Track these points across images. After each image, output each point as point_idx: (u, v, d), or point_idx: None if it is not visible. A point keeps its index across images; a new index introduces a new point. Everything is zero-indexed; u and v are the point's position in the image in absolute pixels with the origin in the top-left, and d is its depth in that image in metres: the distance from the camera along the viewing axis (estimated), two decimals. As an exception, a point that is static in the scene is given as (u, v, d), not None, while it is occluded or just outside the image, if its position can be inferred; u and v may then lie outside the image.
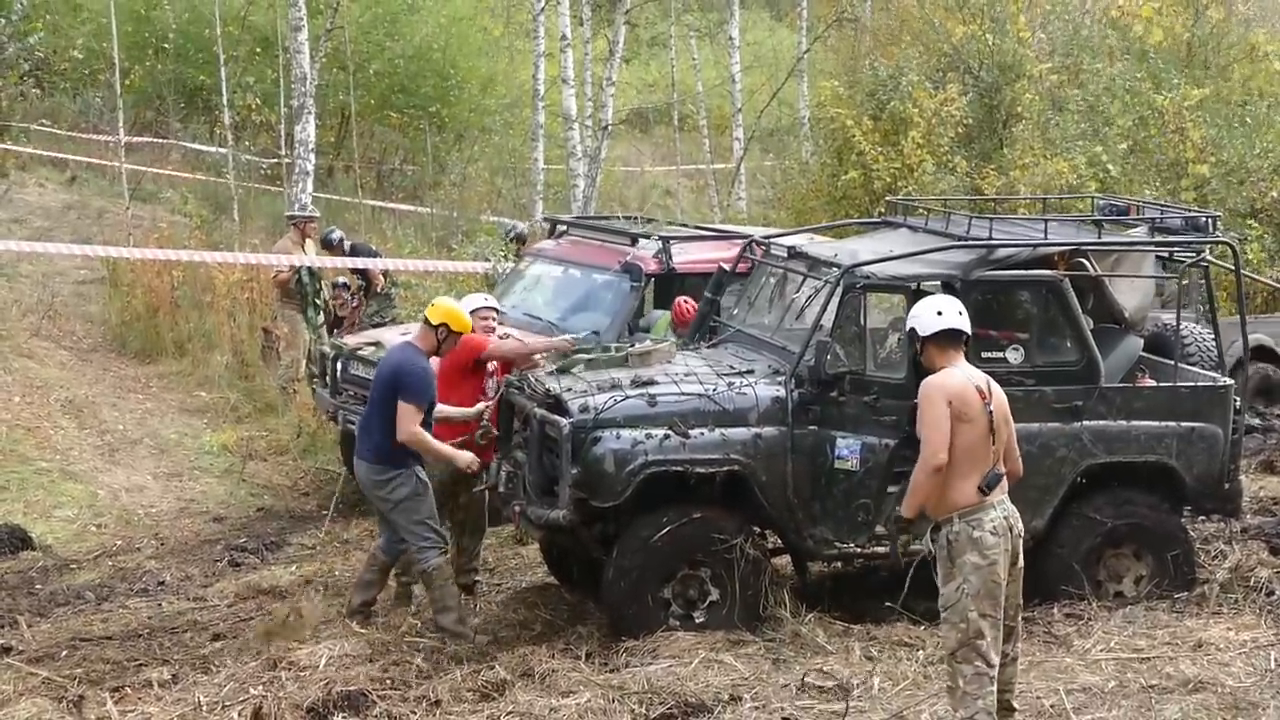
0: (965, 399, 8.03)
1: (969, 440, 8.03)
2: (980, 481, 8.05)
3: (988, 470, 8.09)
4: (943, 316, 8.25)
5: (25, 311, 19.69)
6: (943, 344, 8.24)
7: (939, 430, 8.00)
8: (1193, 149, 20.19)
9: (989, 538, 8.02)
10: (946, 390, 8.06)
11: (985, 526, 8.04)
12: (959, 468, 8.03)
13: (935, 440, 8.00)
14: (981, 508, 8.07)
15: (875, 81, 22.82)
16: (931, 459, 7.98)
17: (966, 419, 8.02)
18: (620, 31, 25.92)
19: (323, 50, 24.98)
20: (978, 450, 8.06)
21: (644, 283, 14.01)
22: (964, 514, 8.06)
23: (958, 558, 8.04)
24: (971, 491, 8.05)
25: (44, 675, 9.80)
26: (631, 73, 36.09)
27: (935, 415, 8.03)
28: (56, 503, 14.43)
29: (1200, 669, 9.38)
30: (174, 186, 25.53)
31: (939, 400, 8.04)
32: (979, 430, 8.05)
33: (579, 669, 9.61)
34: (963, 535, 8.03)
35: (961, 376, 8.14)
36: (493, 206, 29.07)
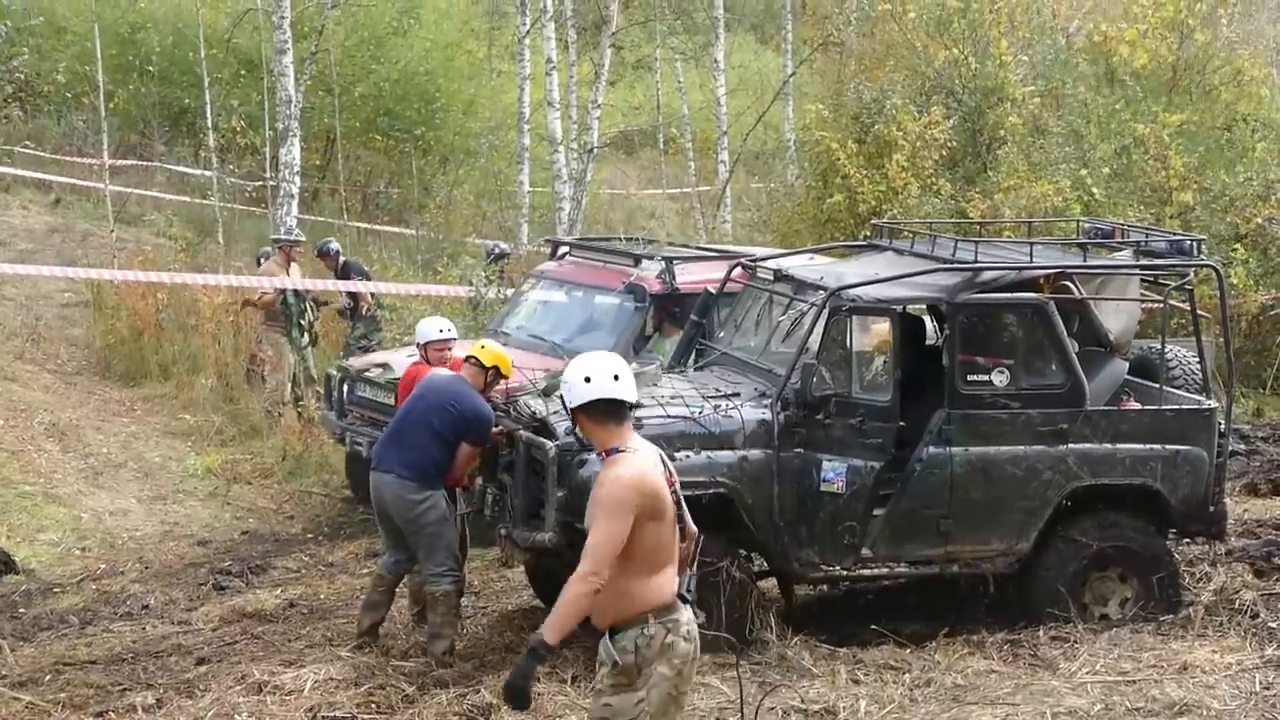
0: (655, 492, 6.64)
1: (659, 536, 6.69)
2: (682, 586, 6.80)
3: (675, 562, 6.82)
4: (591, 384, 6.75)
5: (9, 335, 19.67)
6: (598, 417, 6.78)
7: (610, 541, 6.52)
8: (1175, 177, 20.24)
9: (682, 644, 6.75)
10: (637, 487, 6.59)
11: (681, 630, 6.76)
12: (649, 566, 6.66)
13: (601, 555, 6.51)
14: (676, 607, 6.76)
15: (860, 105, 22.87)
16: (592, 579, 6.48)
17: (658, 516, 6.66)
18: (606, 55, 25.93)
19: (308, 73, 25.00)
20: (668, 543, 6.75)
21: (648, 303, 14.01)
22: (661, 614, 6.69)
23: (645, 666, 6.67)
24: (667, 588, 6.74)
25: (28, 700, 9.76)
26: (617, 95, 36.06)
27: (615, 526, 6.54)
28: (40, 526, 14.38)
29: (1186, 692, 9.38)
30: (159, 209, 25.52)
31: (629, 503, 6.56)
32: (669, 523, 6.72)
33: (565, 692, 9.59)
34: (657, 640, 6.67)
35: (647, 464, 6.69)
36: (478, 229, 29.09)
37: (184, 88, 28.89)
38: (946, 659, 10.19)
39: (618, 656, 6.64)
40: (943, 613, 11.08)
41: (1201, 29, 22.93)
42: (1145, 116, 21.16)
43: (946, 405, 10.63)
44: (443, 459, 10.51)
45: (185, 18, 28.84)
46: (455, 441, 10.54)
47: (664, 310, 13.95)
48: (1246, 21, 28.06)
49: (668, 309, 13.92)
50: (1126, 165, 20.98)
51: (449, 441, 10.50)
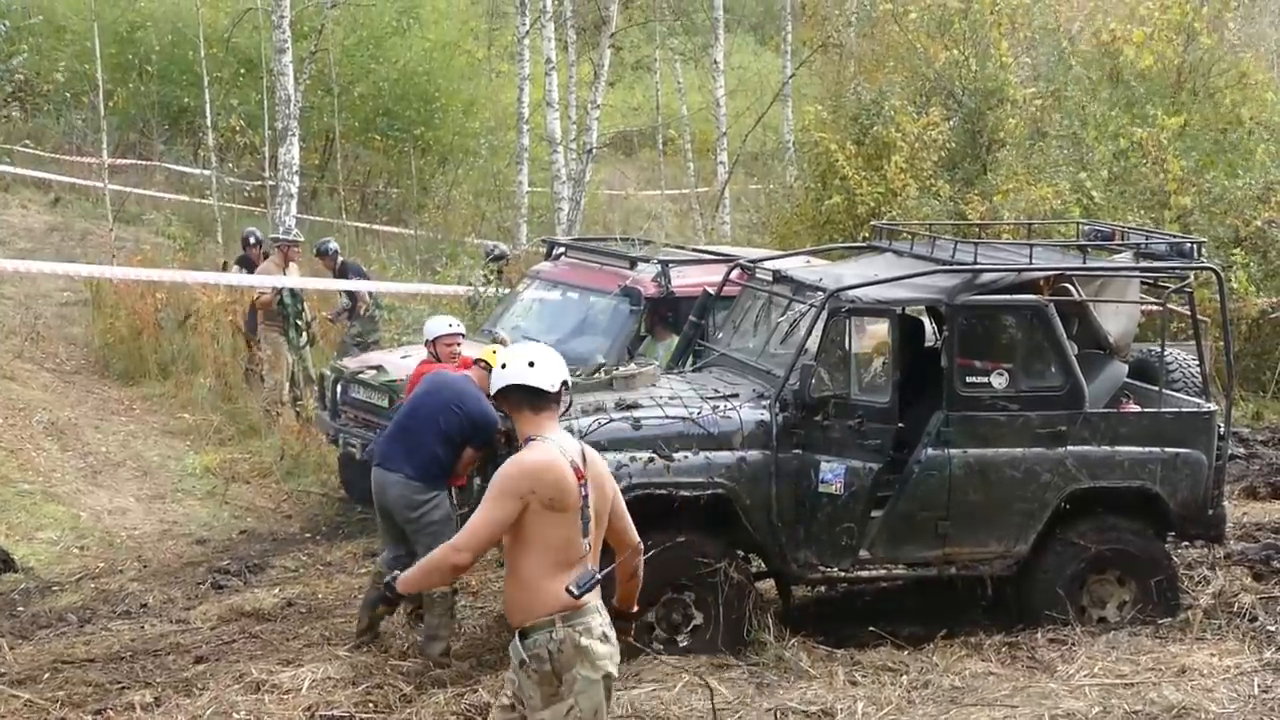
0: (556, 483, 6.42)
1: (565, 531, 6.46)
2: (571, 582, 6.44)
3: (583, 564, 6.54)
4: (506, 371, 6.66)
5: (8, 333, 19.66)
6: (514, 403, 6.68)
7: (489, 525, 6.38)
8: (1174, 181, 20.24)
9: (599, 646, 6.51)
10: (531, 474, 6.42)
11: (595, 632, 6.51)
12: (554, 562, 6.46)
13: (476, 535, 6.39)
14: (587, 610, 6.50)
15: (859, 106, 22.87)
16: (456, 553, 6.39)
17: (559, 508, 6.42)
18: (605, 55, 25.94)
19: (307, 73, 25.02)
20: (576, 541, 6.50)
21: (643, 306, 13.99)
22: (568, 617, 6.45)
23: (564, 672, 6.46)
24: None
25: (26, 698, 9.75)
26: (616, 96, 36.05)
27: (498, 507, 6.39)
28: (39, 525, 14.37)
29: (1184, 695, 9.37)
30: (158, 208, 25.53)
31: (515, 489, 6.40)
32: (574, 520, 6.48)
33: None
34: (569, 643, 6.45)
35: (554, 453, 6.49)
36: (477, 229, 29.11)
37: (183, 87, 28.92)
38: (944, 661, 10.19)
39: (525, 655, 6.49)
40: (941, 615, 11.09)
41: (1208, 32, 22.92)
42: (1145, 119, 21.16)
43: (945, 407, 10.63)
44: (447, 460, 10.53)
45: (185, 17, 28.86)
46: (461, 443, 10.55)
47: (657, 314, 13.92)
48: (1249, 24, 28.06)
49: (661, 313, 13.90)
50: (1125, 169, 20.98)
51: (455, 443, 10.52)
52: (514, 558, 6.50)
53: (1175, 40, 22.75)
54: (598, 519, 6.61)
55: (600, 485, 6.64)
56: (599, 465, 6.69)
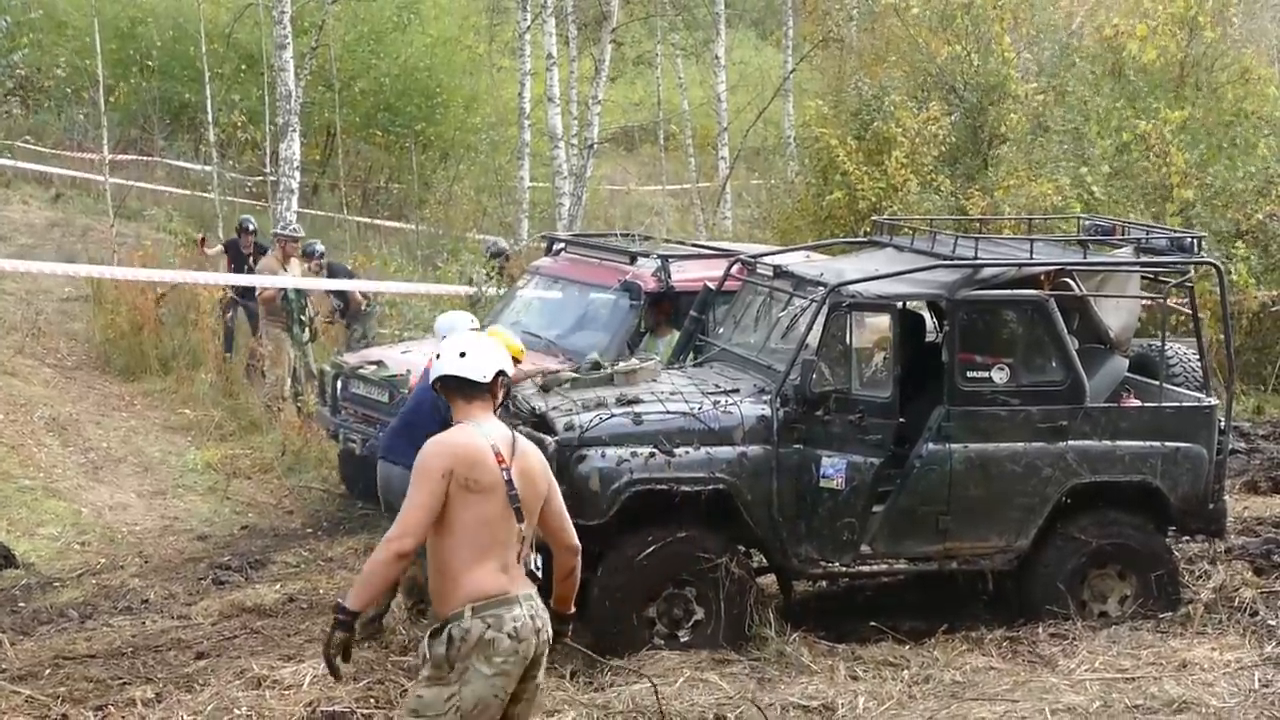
0: (473, 462, 6.44)
1: (483, 515, 6.43)
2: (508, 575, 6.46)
3: (515, 553, 6.54)
4: (440, 361, 6.76)
5: (9, 329, 19.66)
6: (449, 392, 6.75)
7: (418, 507, 6.39)
8: (1176, 173, 20.24)
9: (505, 642, 6.41)
10: (447, 452, 6.47)
11: (505, 626, 6.42)
12: (470, 549, 6.43)
13: (408, 519, 6.39)
14: (504, 601, 6.43)
15: (860, 101, 22.87)
16: (395, 542, 6.37)
17: (477, 489, 6.42)
18: (606, 50, 25.95)
19: (308, 68, 25.03)
20: (497, 528, 6.47)
21: (643, 301, 13.97)
22: (480, 608, 6.40)
23: (459, 661, 6.39)
24: (491, 579, 6.45)
25: (27, 694, 9.75)
26: (617, 91, 36.11)
27: (422, 490, 6.42)
28: (40, 520, 14.37)
29: (1185, 689, 9.38)
30: (159, 204, 25.52)
31: (435, 467, 6.43)
32: (496, 503, 6.45)
33: (563, 688, 9.58)
34: (473, 634, 6.38)
35: (473, 434, 6.54)
36: (478, 225, 29.10)
37: (184, 82, 28.90)
38: (945, 656, 10.20)
39: (428, 650, 6.45)
40: (942, 609, 11.09)
41: (1211, 26, 22.91)
42: (1148, 113, 21.16)
43: (946, 402, 10.64)
44: None
45: (185, 12, 28.86)
46: None
47: (657, 309, 13.90)
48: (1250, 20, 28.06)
49: (661, 308, 13.88)
50: (1127, 163, 20.98)
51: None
52: (435, 546, 6.49)
53: (1178, 35, 22.75)
54: (528, 510, 6.57)
55: (531, 477, 6.61)
56: (531, 458, 6.67)
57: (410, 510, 6.42)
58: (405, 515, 6.42)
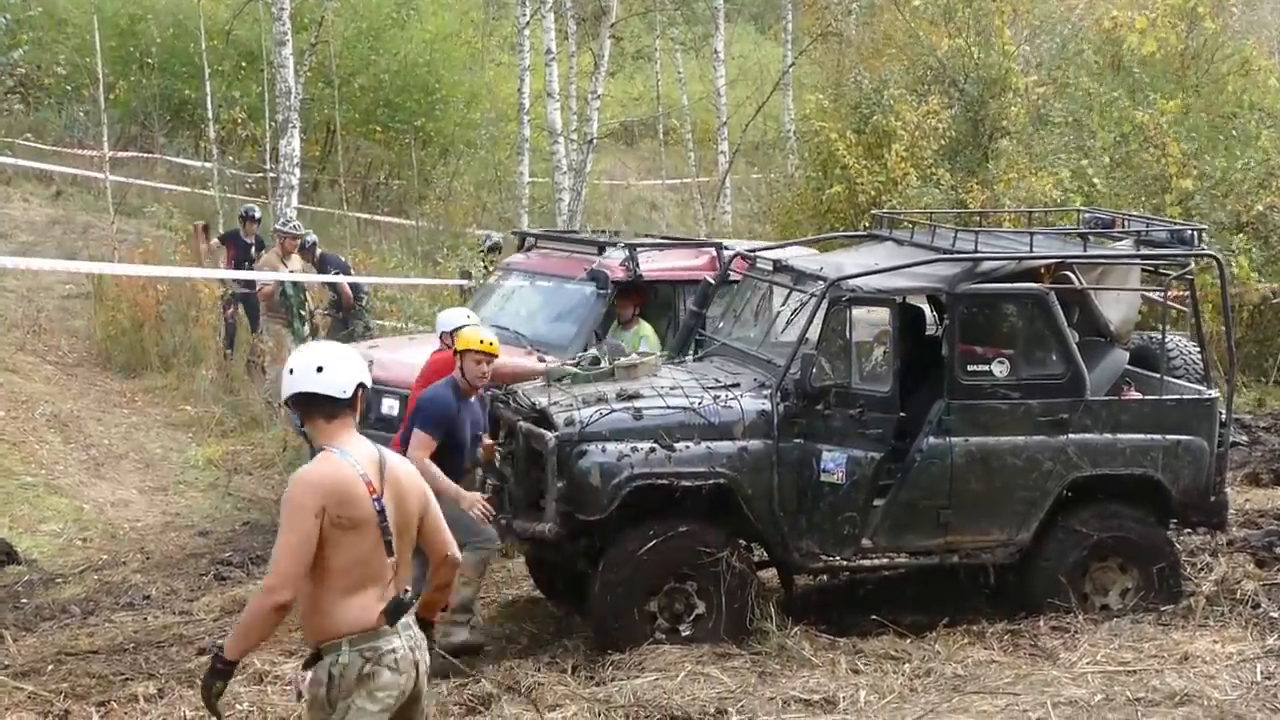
0: (344, 498, 5.99)
1: (356, 552, 6.05)
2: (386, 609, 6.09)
3: (390, 582, 6.16)
4: (294, 376, 6.18)
5: (10, 326, 19.67)
6: (303, 410, 6.22)
7: (294, 553, 5.92)
8: (1175, 164, 20.24)
9: (386, 675, 6.09)
10: (318, 489, 5.98)
11: (385, 659, 6.10)
12: (345, 583, 6.05)
13: (285, 567, 5.91)
14: (380, 633, 6.09)
15: (859, 95, 22.86)
16: (272, 595, 5.90)
17: (349, 526, 6.00)
18: (605, 45, 25.93)
19: (308, 64, 25.00)
20: (371, 562, 6.10)
21: (611, 290, 13.97)
22: (357, 641, 6.06)
23: (340, 700, 6.06)
24: (367, 612, 6.07)
25: (29, 689, 9.77)
26: (617, 86, 36.10)
27: (295, 533, 5.94)
28: (42, 517, 14.39)
29: (1187, 682, 9.38)
30: (159, 200, 25.50)
31: (307, 505, 5.95)
32: (370, 537, 6.06)
33: (565, 682, 9.60)
34: (352, 669, 6.05)
35: (342, 466, 6.06)
36: (478, 220, 29.11)
37: (184, 79, 28.87)
38: (947, 649, 10.20)
39: (304, 688, 6.13)
40: (943, 603, 11.09)
41: (1211, 17, 22.91)
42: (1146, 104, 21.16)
43: (946, 395, 10.64)
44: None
45: (185, 9, 28.84)
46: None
47: (628, 300, 13.86)
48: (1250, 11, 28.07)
49: (632, 300, 13.85)
50: (1127, 154, 20.99)
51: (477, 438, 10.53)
52: (307, 583, 6.05)
53: (1178, 26, 22.74)
54: (401, 534, 6.18)
55: (403, 498, 6.19)
56: (402, 477, 6.23)
57: (285, 557, 5.94)
58: (281, 563, 5.93)
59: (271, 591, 5.90)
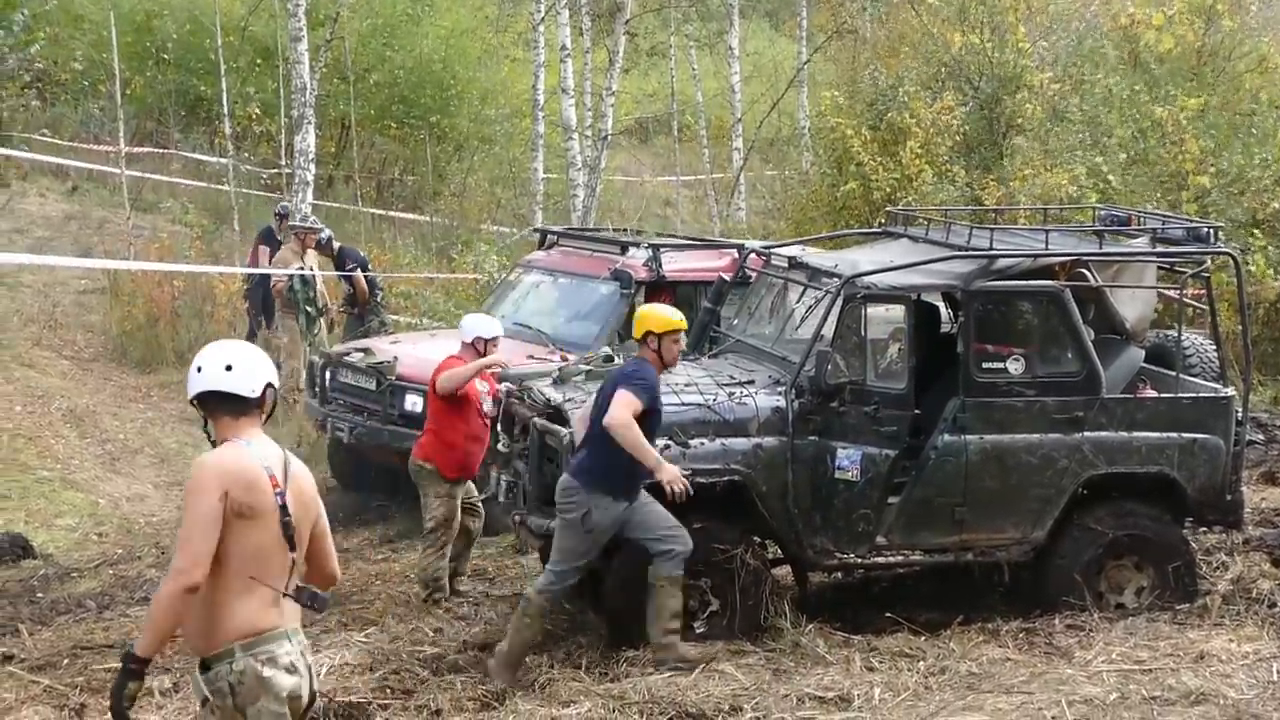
0: (247, 485, 5.93)
1: (254, 544, 5.95)
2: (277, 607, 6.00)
3: (284, 584, 6.06)
4: (202, 375, 6.13)
5: (27, 321, 19.72)
6: (210, 408, 6.15)
7: (201, 532, 5.82)
8: (1191, 160, 20.19)
9: (284, 677, 5.99)
10: (221, 473, 5.92)
11: (280, 661, 6.00)
12: (240, 579, 5.94)
13: (193, 548, 5.81)
14: (273, 636, 5.99)
15: (875, 92, 22.84)
16: (183, 577, 5.77)
17: (250, 515, 5.92)
18: (620, 42, 25.93)
19: (323, 61, 25.00)
20: (269, 558, 6.00)
21: (634, 289, 13.99)
22: (249, 645, 5.94)
23: (247, 706, 5.93)
24: (262, 613, 5.98)
25: (46, 683, 9.79)
26: (631, 83, 36.06)
27: (201, 513, 5.85)
28: (58, 511, 14.42)
29: (1202, 681, 9.35)
30: (175, 196, 25.56)
31: (210, 489, 5.87)
32: (269, 532, 5.98)
33: (579, 679, 9.60)
34: (250, 675, 5.93)
35: (245, 454, 6.01)
36: (493, 216, 29.13)
37: (200, 75, 28.93)
38: (961, 647, 10.18)
39: (208, 692, 5.95)
40: (958, 601, 11.08)
41: (1230, 14, 22.85)
42: (1165, 99, 21.11)
43: (961, 393, 10.62)
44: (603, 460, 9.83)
45: (201, 5, 28.89)
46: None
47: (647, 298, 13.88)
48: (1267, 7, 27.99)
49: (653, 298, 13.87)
50: (1143, 150, 20.94)
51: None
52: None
53: (1195, 23, 22.69)
54: (300, 537, 6.10)
55: (303, 501, 6.14)
56: (304, 481, 6.17)
57: (192, 538, 5.84)
58: (187, 544, 5.84)
59: (181, 574, 5.78)
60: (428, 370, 13.17)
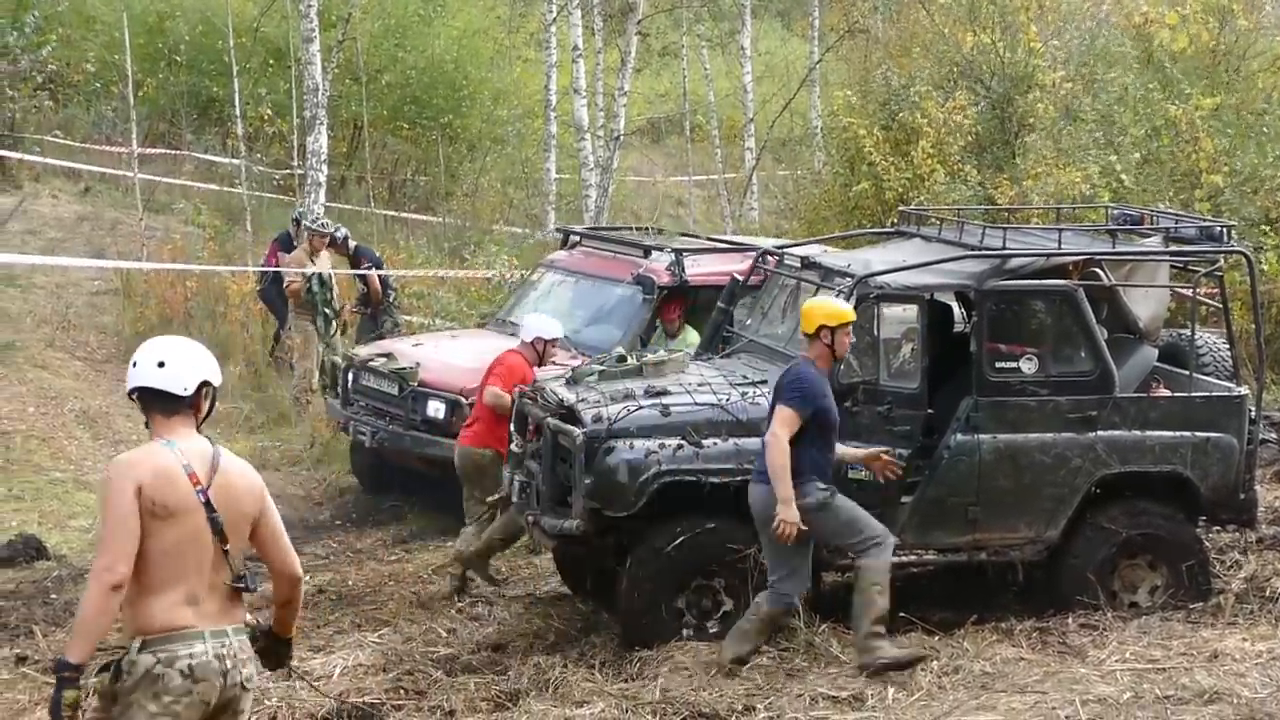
0: (161, 484, 5.83)
1: (168, 543, 5.83)
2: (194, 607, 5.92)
3: (208, 582, 5.97)
4: (136, 370, 6.07)
5: (40, 322, 19.74)
6: (148, 407, 6.07)
7: (120, 528, 5.74)
8: (1205, 159, 20.14)
9: (175, 680, 5.83)
10: (133, 472, 5.83)
11: (179, 664, 5.84)
12: (151, 577, 5.85)
13: (113, 545, 5.74)
14: (182, 636, 5.87)
15: (887, 91, 22.82)
16: (104, 574, 5.72)
17: (164, 514, 5.81)
18: (632, 42, 25.92)
19: (335, 61, 25.02)
20: (186, 556, 5.89)
21: (656, 294, 13.98)
22: (152, 641, 5.86)
23: (123, 696, 5.86)
24: (169, 611, 5.88)
25: (59, 685, 9.78)
26: (643, 83, 36.08)
27: (117, 511, 5.77)
28: (71, 513, 14.43)
29: (1216, 680, 9.33)
30: (187, 197, 25.57)
31: (123, 486, 5.79)
32: (187, 529, 5.87)
33: (593, 679, 9.60)
34: (139, 668, 5.85)
35: (161, 453, 5.92)
36: (505, 217, 29.13)
37: (212, 76, 28.93)
38: (975, 646, 10.17)
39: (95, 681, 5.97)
40: (971, 600, 11.07)
41: (1244, 14, 22.80)
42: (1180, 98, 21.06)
43: (974, 392, 10.62)
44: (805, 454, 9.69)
45: (213, 7, 28.87)
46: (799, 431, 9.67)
47: (672, 308, 13.87)
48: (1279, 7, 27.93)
49: (675, 307, 13.86)
50: (1157, 149, 20.90)
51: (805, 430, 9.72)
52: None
53: (1210, 22, 22.64)
54: (232, 531, 6.02)
55: (235, 496, 6.03)
56: (235, 477, 6.07)
57: (111, 535, 5.78)
58: (106, 543, 5.78)
59: (104, 572, 5.74)
60: (450, 377, 13.25)
